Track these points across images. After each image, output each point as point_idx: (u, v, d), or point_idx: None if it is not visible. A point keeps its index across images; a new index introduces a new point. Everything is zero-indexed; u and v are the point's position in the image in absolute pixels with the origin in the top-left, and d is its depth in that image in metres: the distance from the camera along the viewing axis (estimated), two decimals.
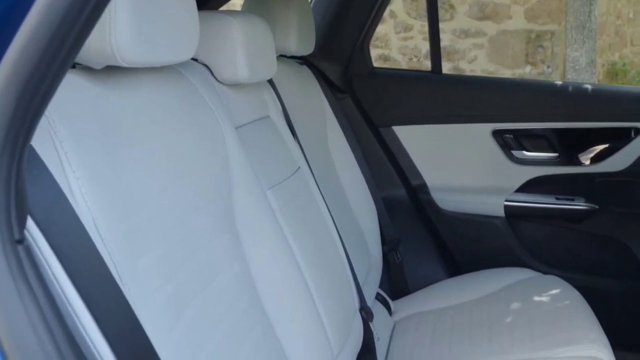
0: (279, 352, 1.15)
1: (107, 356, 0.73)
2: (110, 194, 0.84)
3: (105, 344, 0.72)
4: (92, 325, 0.71)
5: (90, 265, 0.74)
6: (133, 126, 0.96)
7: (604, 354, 1.62)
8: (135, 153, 0.93)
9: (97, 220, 0.79)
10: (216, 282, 1.03)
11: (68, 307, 0.70)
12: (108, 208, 0.82)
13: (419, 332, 1.92)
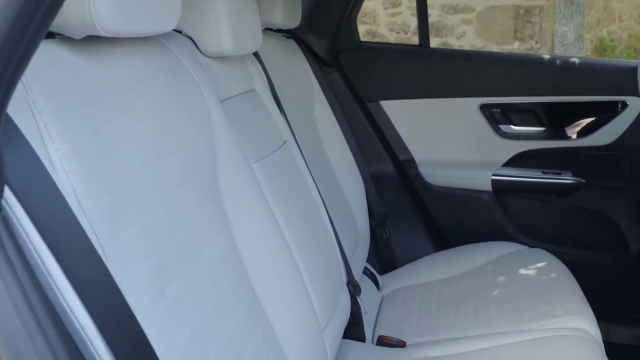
0: (265, 326, 1.15)
1: (90, 330, 0.72)
2: (92, 165, 0.82)
3: (88, 317, 0.71)
4: (73, 298, 0.70)
5: (71, 237, 0.73)
6: (115, 98, 0.94)
7: (589, 326, 1.63)
8: (118, 125, 0.92)
9: (78, 192, 0.78)
10: (201, 256, 1.02)
11: (48, 278, 0.69)
12: (90, 180, 0.81)
13: (406, 306, 1.93)
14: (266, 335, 1.13)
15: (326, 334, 1.36)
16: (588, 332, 1.60)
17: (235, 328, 1.03)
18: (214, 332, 0.97)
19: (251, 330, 1.09)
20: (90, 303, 0.71)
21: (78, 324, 0.71)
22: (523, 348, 1.53)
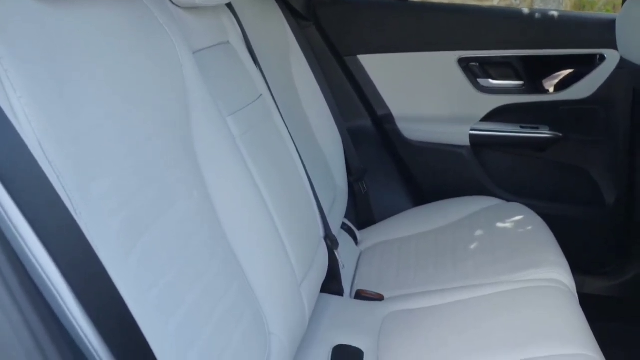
0: (242, 280, 1.14)
1: (58, 282, 0.70)
2: (57, 116, 0.80)
3: (55, 269, 0.69)
4: (40, 249, 0.68)
5: (37, 188, 0.70)
6: (81, 47, 0.91)
7: (564, 277, 1.65)
8: (84, 75, 0.89)
9: (43, 143, 0.75)
10: (174, 209, 1.01)
11: (12, 229, 0.67)
12: (55, 131, 0.78)
13: (384, 260, 1.94)
14: (243, 289, 1.13)
15: (303, 287, 1.36)
16: (563, 283, 1.62)
17: (211, 282, 1.03)
18: (189, 286, 0.96)
19: (228, 284, 1.08)
20: (58, 255, 0.69)
21: (45, 275, 0.69)
22: (499, 299, 1.55)
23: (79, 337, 0.71)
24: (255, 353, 1.08)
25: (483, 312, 1.51)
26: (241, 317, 1.07)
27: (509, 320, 1.45)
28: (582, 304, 1.54)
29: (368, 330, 1.53)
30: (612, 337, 1.65)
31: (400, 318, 1.57)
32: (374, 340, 1.48)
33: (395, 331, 1.51)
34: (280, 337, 1.18)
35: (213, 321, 0.98)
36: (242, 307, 1.09)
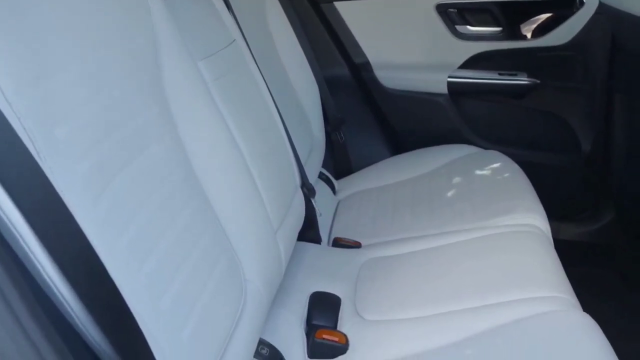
0: (216, 227, 1.12)
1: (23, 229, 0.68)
2: (17, 55, 0.76)
3: (18, 213, 0.67)
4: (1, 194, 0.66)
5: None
6: None
7: (540, 222, 1.66)
8: (46, 17, 0.85)
9: (1, 81, 0.72)
10: (145, 155, 0.98)
11: None
12: (15, 69, 0.75)
13: (362, 209, 1.94)
14: (217, 236, 1.11)
15: (279, 235, 1.35)
16: (539, 228, 1.63)
17: (185, 228, 1.01)
18: (162, 232, 0.94)
19: (202, 230, 1.06)
20: (20, 198, 0.67)
21: (9, 221, 0.67)
22: (476, 244, 1.56)
23: (45, 284, 0.69)
24: (230, 299, 1.07)
25: (459, 258, 1.52)
26: (216, 263, 1.06)
27: (485, 264, 1.46)
28: (558, 249, 1.56)
29: (345, 277, 1.53)
30: (586, 281, 1.67)
31: (377, 265, 1.57)
32: (351, 287, 1.49)
33: (373, 278, 1.51)
34: (256, 284, 1.17)
35: (187, 268, 0.97)
36: (216, 253, 1.08)
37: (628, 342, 1.41)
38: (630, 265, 2.16)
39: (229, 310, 1.06)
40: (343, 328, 1.34)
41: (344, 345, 1.28)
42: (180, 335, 0.89)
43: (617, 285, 2.05)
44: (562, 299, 1.31)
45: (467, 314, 1.30)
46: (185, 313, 0.92)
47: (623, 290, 2.02)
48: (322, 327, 1.32)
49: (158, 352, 0.79)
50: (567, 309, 1.27)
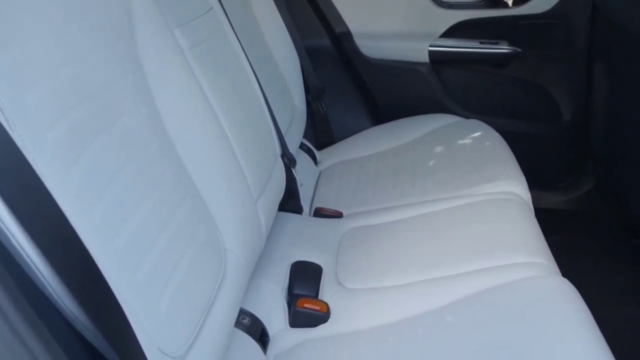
0: (194, 196, 1.11)
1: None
2: None
3: None
4: None
5: None
6: None
7: (520, 190, 1.67)
8: None
9: None
10: (120, 124, 0.96)
11: None
12: None
13: (343, 179, 1.93)
14: (196, 206, 1.10)
15: (259, 204, 1.34)
16: (519, 195, 1.64)
17: (161, 198, 0.99)
18: (137, 203, 0.93)
19: (180, 200, 1.05)
20: None
21: None
22: (457, 212, 1.56)
23: (16, 252, 0.67)
24: (210, 269, 1.06)
25: (440, 226, 1.52)
26: (194, 233, 1.05)
27: (466, 232, 1.47)
28: (538, 217, 1.56)
29: (327, 246, 1.53)
30: (566, 248, 1.68)
31: (358, 234, 1.57)
32: (332, 256, 1.49)
33: (354, 247, 1.51)
34: (236, 254, 1.17)
35: (164, 237, 0.96)
36: (195, 223, 1.07)
37: (606, 307, 1.42)
38: (610, 232, 2.18)
39: (209, 280, 1.05)
40: (324, 297, 1.34)
41: (326, 314, 1.28)
42: (158, 305, 0.88)
43: (596, 251, 2.07)
44: (541, 265, 1.32)
45: (448, 281, 1.30)
46: (163, 283, 0.91)
47: (602, 257, 2.04)
48: (303, 296, 1.32)
49: (135, 323, 0.79)
50: (547, 275, 1.28)
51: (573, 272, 1.31)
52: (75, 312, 0.69)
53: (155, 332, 0.84)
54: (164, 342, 0.85)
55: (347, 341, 1.20)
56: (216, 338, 1.01)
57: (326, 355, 1.17)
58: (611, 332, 1.11)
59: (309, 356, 1.18)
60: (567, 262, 1.43)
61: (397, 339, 1.17)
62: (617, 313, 1.75)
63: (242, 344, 1.19)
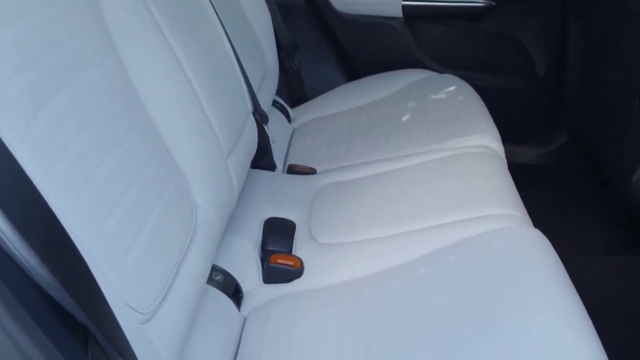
0: (163, 153, 1.09)
1: None
2: None
3: None
4: None
5: None
6: None
7: (494, 144, 1.67)
8: None
9: None
10: (83, 78, 0.93)
11: None
12: None
13: (317, 136, 1.91)
14: (164, 162, 1.08)
15: (230, 161, 1.32)
16: (492, 149, 1.64)
17: (128, 153, 0.97)
18: (103, 157, 0.90)
19: (148, 156, 1.03)
20: None
21: None
22: (430, 166, 1.56)
23: None
24: (180, 225, 1.05)
25: (414, 180, 1.52)
26: (163, 189, 1.03)
27: (440, 186, 1.46)
28: (512, 172, 1.56)
29: (300, 203, 1.52)
30: (540, 202, 1.69)
31: (332, 190, 1.56)
32: (306, 212, 1.48)
33: (327, 202, 1.51)
34: (206, 210, 1.15)
35: (132, 193, 0.93)
36: (164, 179, 1.05)
37: (577, 257, 1.44)
38: (582, 186, 2.20)
39: (179, 236, 1.03)
40: (298, 252, 1.34)
41: (299, 269, 1.28)
42: (126, 261, 0.86)
43: (568, 205, 2.09)
44: (513, 216, 1.32)
45: (421, 234, 1.30)
46: (131, 239, 0.90)
47: (574, 210, 2.06)
48: (276, 252, 1.31)
49: (101, 278, 0.77)
50: (518, 225, 1.29)
51: (545, 224, 1.32)
52: (36, 268, 0.67)
53: (122, 287, 0.83)
54: (132, 298, 0.84)
55: (321, 295, 1.20)
56: (187, 294, 1.00)
57: (300, 310, 1.17)
58: (581, 281, 1.12)
59: (283, 311, 1.18)
60: (540, 215, 1.44)
61: (371, 292, 1.17)
62: (588, 263, 1.77)
63: (216, 301, 1.18)
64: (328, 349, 1.05)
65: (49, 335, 0.67)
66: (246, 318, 1.19)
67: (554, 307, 1.02)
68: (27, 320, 0.66)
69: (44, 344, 0.66)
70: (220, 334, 1.12)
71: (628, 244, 1.91)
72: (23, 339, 0.64)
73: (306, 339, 1.09)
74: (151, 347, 0.85)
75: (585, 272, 1.30)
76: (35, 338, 0.65)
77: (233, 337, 1.14)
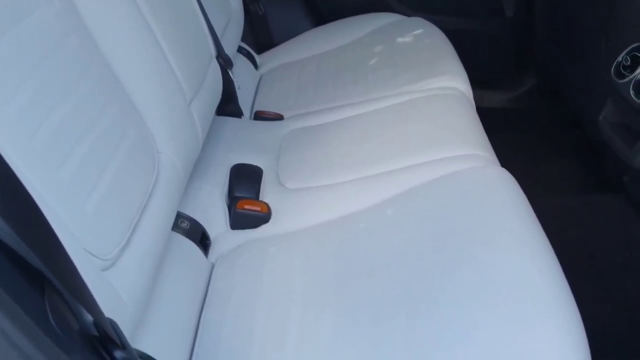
0: (122, 98, 1.05)
1: None
2: None
3: None
4: None
5: None
6: None
7: (462, 85, 1.66)
8: None
9: None
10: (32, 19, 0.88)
11: None
12: None
13: (284, 83, 1.88)
14: (123, 107, 1.04)
15: (194, 106, 1.29)
16: (460, 90, 1.63)
17: (84, 99, 0.93)
18: (56, 101, 0.87)
19: (105, 101, 0.99)
20: None
21: None
22: (398, 109, 1.54)
23: None
24: (141, 171, 1.02)
25: (382, 123, 1.50)
26: (123, 135, 1.00)
27: (407, 128, 1.45)
28: (481, 116, 1.54)
29: (267, 149, 1.50)
30: (509, 145, 1.69)
31: (300, 135, 1.54)
32: (273, 158, 1.46)
33: (295, 148, 1.49)
34: (169, 156, 1.12)
35: (89, 139, 0.90)
36: (123, 125, 1.01)
37: (544, 196, 1.45)
38: (550, 128, 2.21)
39: (140, 182, 1.01)
40: (265, 198, 1.32)
41: (267, 214, 1.27)
42: (85, 207, 0.84)
43: (536, 146, 2.10)
44: (481, 156, 1.32)
45: (389, 177, 1.29)
46: (90, 185, 0.87)
47: (542, 151, 2.08)
48: (243, 198, 1.30)
49: (58, 224, 0.75)
50: (486, 165, 1.29)
51: (513, 166, 1.32)
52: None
53: (81, 233, 0.81)
54: (92, 244, 0.82)
55: (289, 240, 1.20)
56: (151, 241, 0.98)
57: (267, 255, 1.16)
58: (547, 219, 1.13)
59: (251, 256, 1.17)
60: (508, 156, 1.44)
61: (339, 235, 1.17)
62: (554, 202, 1.79)
63: (182, 248, 1.16)
64: (296, 293, 1.05)
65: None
66: (214, 264, 1.18)
67: (522, 242, 1.02)
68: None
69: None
70: (188, 280, 1.11)
71: (594, 184, 1.93)
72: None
73: (274, 283, 1.08)
74: (113, 293, 0.84)
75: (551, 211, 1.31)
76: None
77: (201, 283, 1.13)
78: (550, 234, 1.07)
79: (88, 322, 0.73)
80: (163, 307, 1.01)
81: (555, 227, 1.19)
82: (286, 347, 0.94)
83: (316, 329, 0.96)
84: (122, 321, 0.79)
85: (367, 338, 0.92)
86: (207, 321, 1.03)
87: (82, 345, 0.71)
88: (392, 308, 0.96)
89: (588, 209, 1.80)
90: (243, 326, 1.00)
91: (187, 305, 1.07)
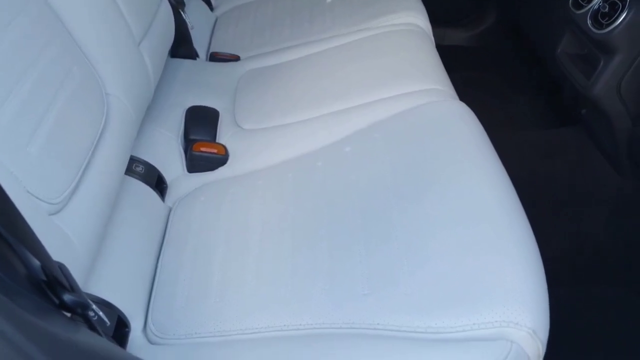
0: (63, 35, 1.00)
1: None
2: None
3: None
4: None
5: None
6: None
7: (421, 22, 1.63)
8: None
9: None
10: None
11: None
12: None
13: (240, 23, 1.83)
14: (66, 46, 1.00)
15: (144, 47, 1.24)
16: (420, 26, 1.60)
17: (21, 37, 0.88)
18: None
19: (45, 40, 0.94)
20: None
21: None
22: (357, 46, 1.51)
23: None
24: (88, 113, 0.98)
25: (340, 61, 1.48)
26: (66, 75, 0.96)
27: (366, 64, 1.43)
28: (443, 55, 1.52)
29: (223, 90, 1.46)
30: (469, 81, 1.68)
31: (256, 76, 1.51)
32: (229, 99, 1.43)
33: (252, 88, 1.45)
34: (119, 98, 1.08)
35: (28, 79, 0.86)
36: (66, 64, 0.97)
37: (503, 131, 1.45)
38: (510, 65, 2.20)
39: (88, 125, 0.97)
40: (222, 140, 1.30)
41: (224, 156, 1.24)
42: (28, 149, 0.81)
43: (496, 83, 2.10)
44: (440, 91, 1.30)
45: (347, 114, 1.27)
46: (33, 126, 0.83)
47: (502, 87, 2.07)
48: (200, 140, 1.27)
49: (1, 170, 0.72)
50: (445, 99, 1.27)
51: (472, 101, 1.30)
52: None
53: (25, 176, 0.77)
54: (37, 187, 0.79)
55: (247, 180, 1.18)
56: (102, 185, 0.96)
57: (225, 196, 1.14)
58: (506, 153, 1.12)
59: (209, 198, 1.15)
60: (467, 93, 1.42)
61: (296, 173, 1.15)
62: (515, 136, 1.80)
63: (138, 192, 1.14)
64: (254, 232, 1.03)
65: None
66: (171, 208, 1.16)
67: (479, 172, 1.02)
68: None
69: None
70: (144, 225, 1.08)
71: (553, 119, 1.94)
72: None
73: (232, 223, 1.06)
74: (63, 237, 0.82)
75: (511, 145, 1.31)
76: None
77: (158, 227, 1.10)
78: (510, 166, 1.07)
79: (36, 266, 0.71)
80: (119, 251, 0.99)
81: (514, 159, 1.19)
82: (245, 286, 0.93)
83: (275, 267, 0.95)
84: (74, 266, 0.77)
85: (326, 272, 0.91)
86: (165, 264, 1.01)
87: (29, 289, 0.69)
88: (350, 240, 0.95)
89: (547, 142, 1.81)
90: (202, 267, 0.99)
91: (144, 249, 1.05)
